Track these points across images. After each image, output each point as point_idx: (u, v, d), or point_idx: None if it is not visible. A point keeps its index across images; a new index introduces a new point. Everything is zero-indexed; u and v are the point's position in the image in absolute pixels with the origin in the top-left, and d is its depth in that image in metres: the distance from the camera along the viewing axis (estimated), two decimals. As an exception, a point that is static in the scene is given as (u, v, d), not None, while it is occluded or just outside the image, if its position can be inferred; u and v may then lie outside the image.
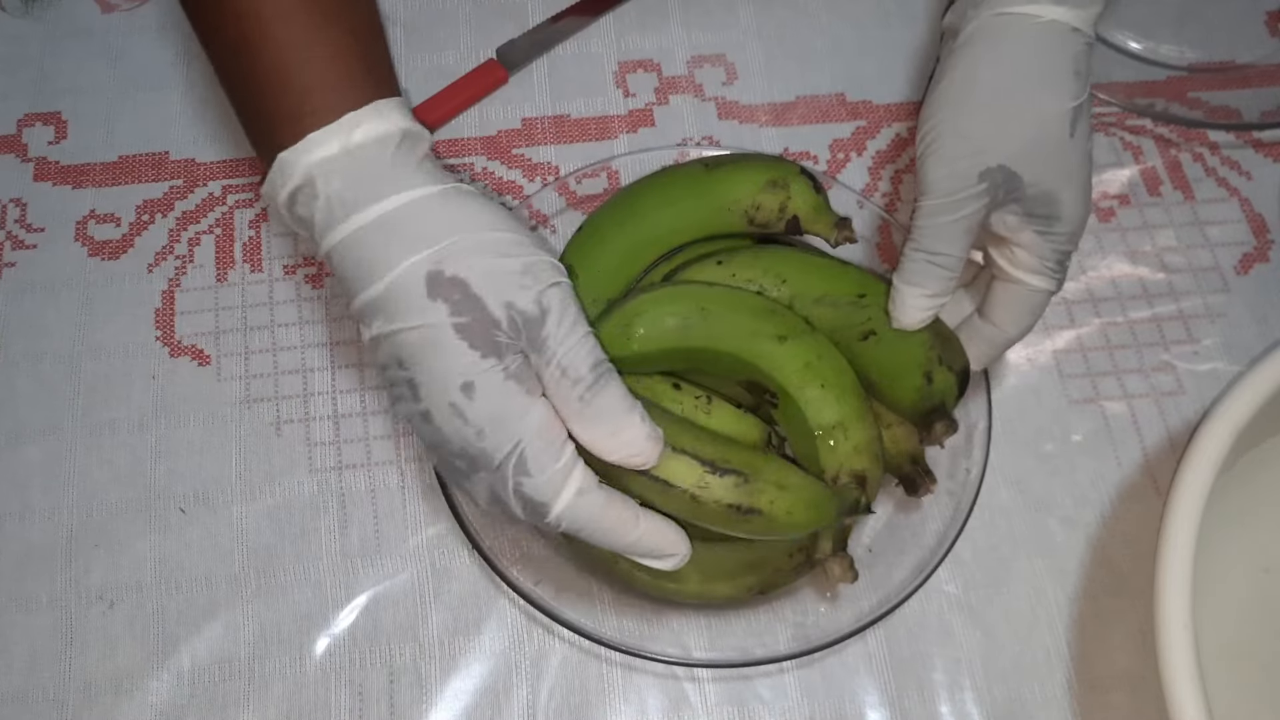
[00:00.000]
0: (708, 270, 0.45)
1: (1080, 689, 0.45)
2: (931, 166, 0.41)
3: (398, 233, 0.35)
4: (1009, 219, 0.41)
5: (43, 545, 0.47)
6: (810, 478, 0.40)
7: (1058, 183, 0.40)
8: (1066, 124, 0.40)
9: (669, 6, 0.61)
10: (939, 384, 0.43)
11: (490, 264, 0.36)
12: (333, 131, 0.36)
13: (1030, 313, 0.42)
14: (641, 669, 0.45)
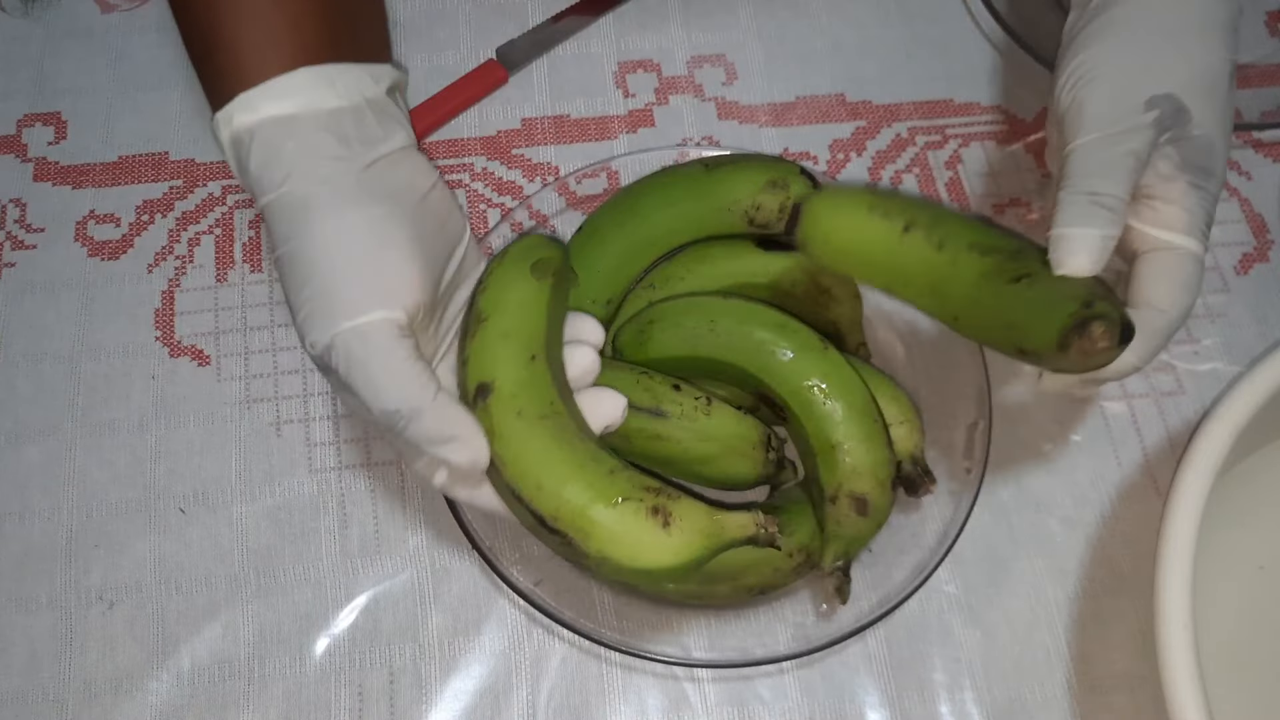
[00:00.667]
0: (853, 191, 0.42)
1: (1080, 689, 0.45)
2: (1090, 99, 0.36)
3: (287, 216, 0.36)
4: (1162, 165, 0.37)
5: (43, 545, 0.47)
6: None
7: (1218, 130, 0.37)
8: (1227, 70, 0.37)
9: (669, 6, 0.61)
10: (1099, 308, 0.35)
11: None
12: (263, 95, 0.36)
13: (1188, 286, 0.37)
14: (641, 669, 0.45)
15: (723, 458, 0.43)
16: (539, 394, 0.37)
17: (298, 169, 0.35)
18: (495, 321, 0.39)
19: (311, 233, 0.35)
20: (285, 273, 0.36)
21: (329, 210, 0.35)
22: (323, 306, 0.34)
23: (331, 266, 0.35)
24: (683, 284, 0.48)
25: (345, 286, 0.34)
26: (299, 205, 0.35)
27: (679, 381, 0.43)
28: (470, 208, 0.55)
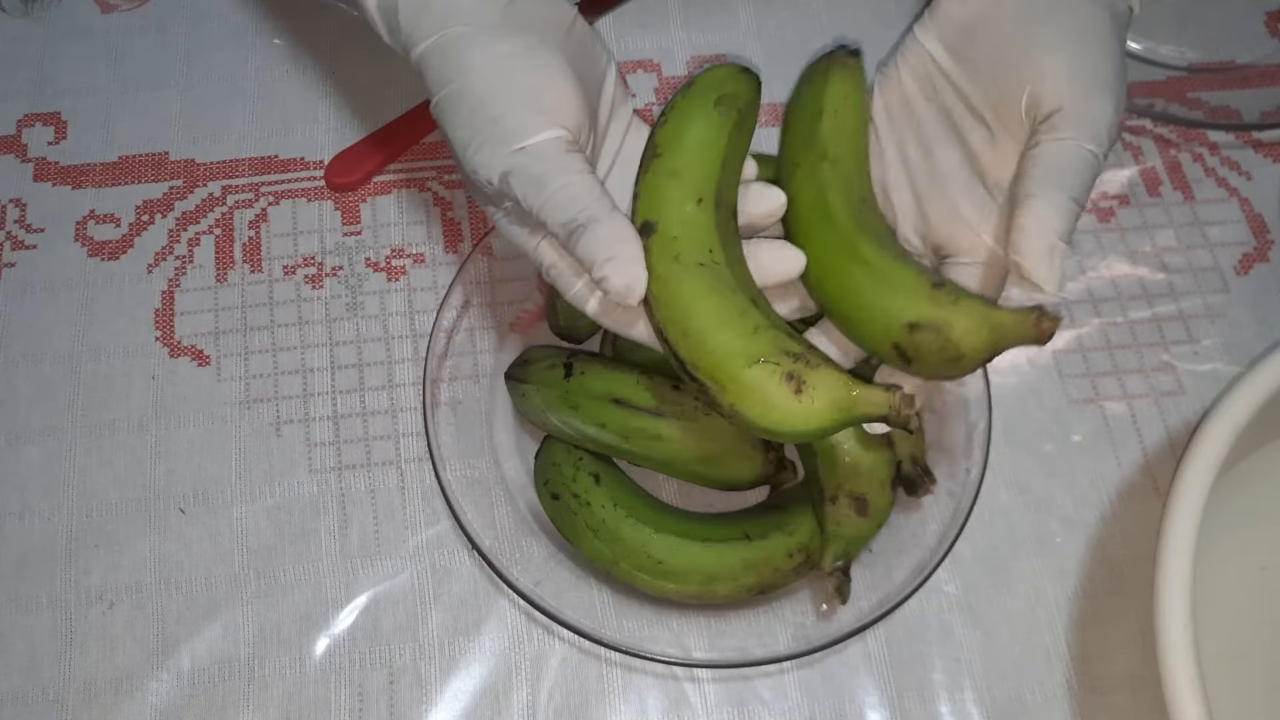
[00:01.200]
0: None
1: (1080, 689, 0.45)
2: (1092, 98, 0.37)
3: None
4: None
5: (43, 545, 0.47)
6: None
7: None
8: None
9: (669, 6, 0.61)
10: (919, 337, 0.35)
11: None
12: None
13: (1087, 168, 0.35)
14: (641, 669, 0.45)
15: (722, 458, 0.43)
16: (699, 240, 0.36)
17: (448, 14, 0.36)
18: (667, 159, 0.37)
19: (470, 68, 0.35)
20: (447, 115, 0.36)
21: (484, 46, 0.36)
22: (494, 135, 0.35)
23: (495, 97, 0.35)
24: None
25: (513, 113, 0.35)
26: (454, 47, 0.36)
27: (679, 382, 0.43)
28: (471, 207, 0.55)
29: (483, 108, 0.35)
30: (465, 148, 0.35)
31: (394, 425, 0.50)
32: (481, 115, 0.35)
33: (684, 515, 0.45)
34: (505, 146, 0.34)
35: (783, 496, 0.46)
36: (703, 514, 0.46)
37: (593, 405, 0.43)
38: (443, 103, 0.36)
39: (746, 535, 0.44)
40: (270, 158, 0.56)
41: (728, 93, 0.39)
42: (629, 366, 0.44)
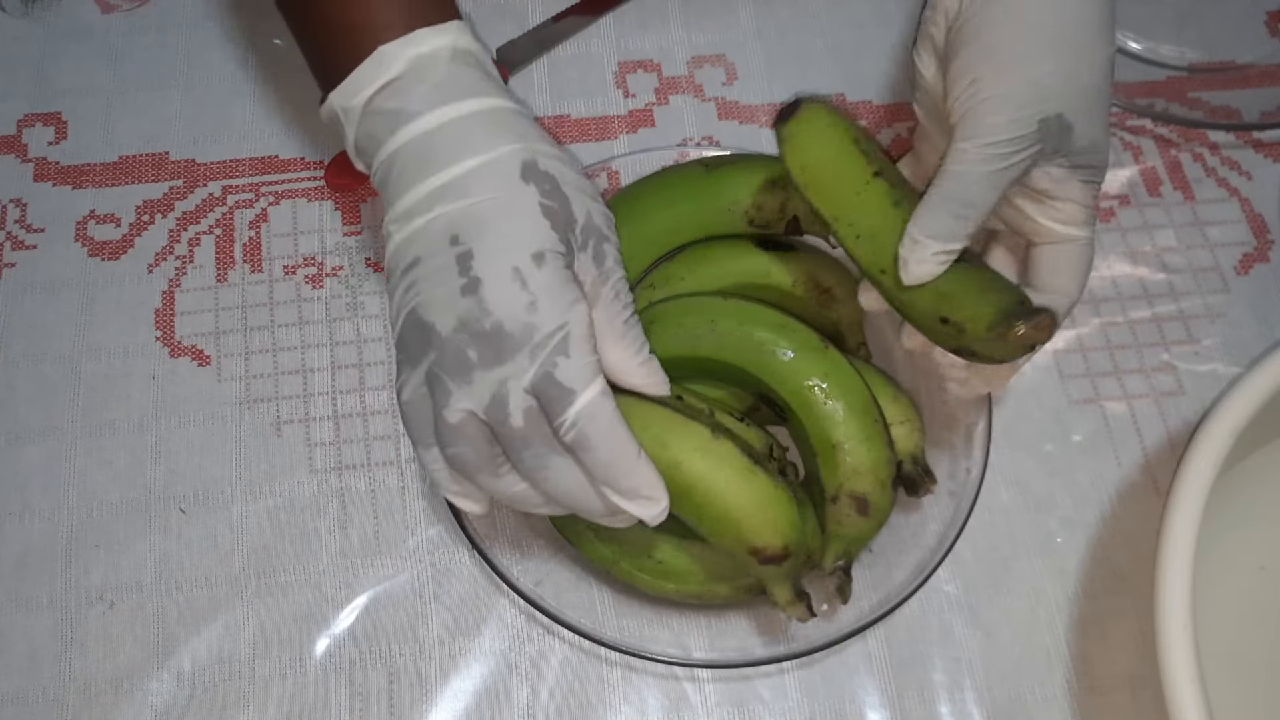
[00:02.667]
0: (848, 123, 0.42)
1: (1080, 689, 0.45)
2: (989, 113, 0.38)
3: (499, 124, 0.36)
4: (1054, 171, 0.39)
5: (43, 545, 0.47)
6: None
7: (1101, 129, 0.39)
8: (1109, 70, 0.39)
9: (669, 6, 0.61)
10: (1036, 308, 0.38)
11: (576, 177, 0.37)
12: (441, 30, 0.37)
13: (1086, 268, 0.40)
14: (641, 669, 0.45)
15: None
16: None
17: (499, 89, 0.38)
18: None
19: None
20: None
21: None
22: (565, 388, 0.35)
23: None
24: (683, 284, 0.48)
25: (569, 364, 0.35)
26: (529, 113, 0.38)
27: (682, 393, 0.43)
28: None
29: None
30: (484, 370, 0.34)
31: (394, 425, 0.50)
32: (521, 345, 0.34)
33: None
34: (575, 395, 0.34)
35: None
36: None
37: None
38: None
39: (747, 535, 0.44)
40: (270, 158, 0.56)
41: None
42: None
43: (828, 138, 0.42)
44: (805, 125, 0.42)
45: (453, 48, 0.37)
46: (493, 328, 0.34)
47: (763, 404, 0.45)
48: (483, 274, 0.34)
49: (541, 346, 0.34)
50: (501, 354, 0.34)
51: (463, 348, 0.34)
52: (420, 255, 0.35)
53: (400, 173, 0.36)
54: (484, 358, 0.34)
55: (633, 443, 0.35)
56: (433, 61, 0.36)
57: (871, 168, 0.41)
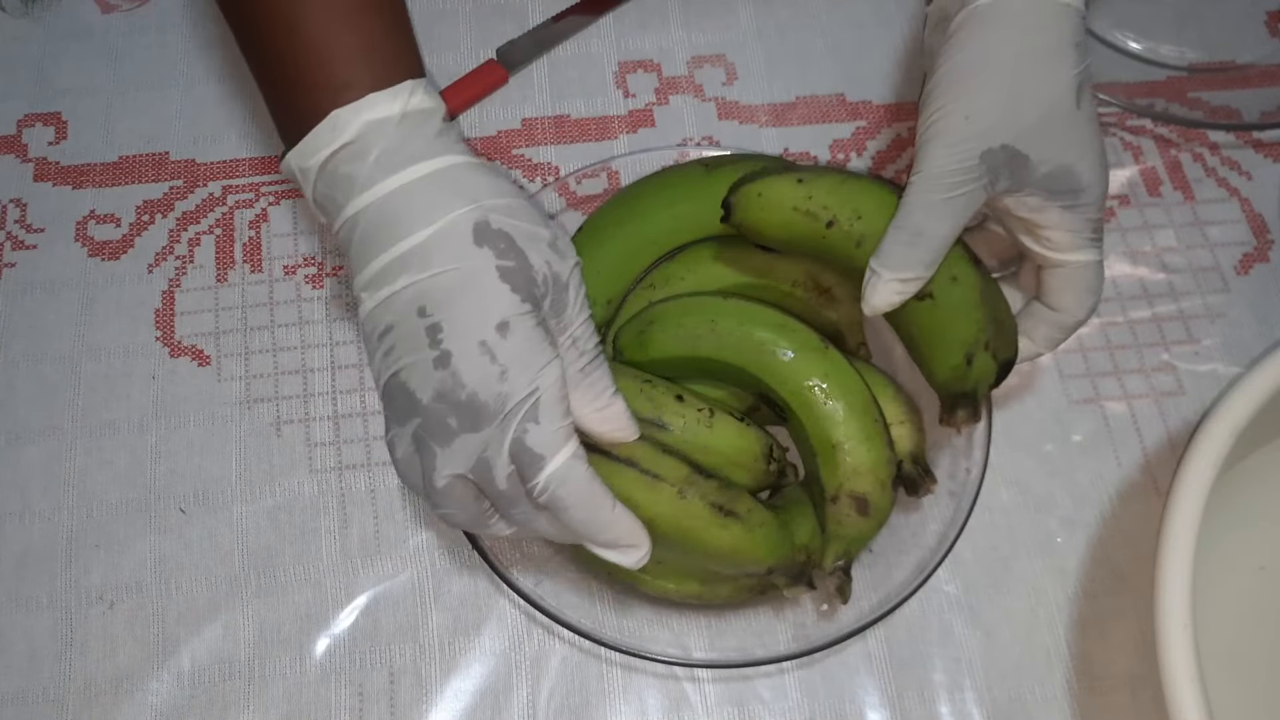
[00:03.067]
0: (785, 186, 0.43)
1: (1080, 689, 0.45)
2: (934, 148, 0.39)
3: (450, 187, 0.36)
4: (1030, 200, 0.40)
5: (43, 545, 0.47)
6: (776, 518, 0.41)
7: (1072, 155, 0.40)
8: (1072, 96, 0.39)
9: (669, 6, 0.61)
10: (977, 369, 0.41)
11: (529, 228, 0.37)
12: (393, 94, 0.37)
13: (1089, 290, 0.41)
14: (641, 669, 0.45)
15: (722, 469, 0.43)
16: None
17: (450, 146, 0.38)
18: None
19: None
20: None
21: (504, 170, 0.38)
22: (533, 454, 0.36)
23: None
24: (683, 284, 0.48)
25: (537, 431, 0.36)
26: (481, 167, 0.38)
27: (682, 392, 0.43)
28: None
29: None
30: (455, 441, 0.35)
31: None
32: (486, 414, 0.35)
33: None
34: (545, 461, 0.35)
35: (783, 496, 0.46)
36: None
37: None
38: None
39: (747, 535, 0.44)
40: (271, 158, 0.56)
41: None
42: (633, 373, 0.44)
43: (771, 207, 0.43)
44: (748, 201, 0.44)
45: (403, 111, 0.37)
46: (468, 398, 0.35)
47: (763, 404, 0.45)
48: (452, 348, 0.35)
49: (513, 414, 0.35)
50: (479, 422, 0.35)
51: (443, 416, 0.35)
52: (392, 324, 0.36)
53: (361, 240, 0.37)
54: (463, 425, 0.35)
55: (606, 499, 0.37)
56: (383, 126, 0.36)
57: (822, 222, 0.42)
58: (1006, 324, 0.42)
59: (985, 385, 0.42)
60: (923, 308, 0.41)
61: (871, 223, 0.41)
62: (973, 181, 0.39)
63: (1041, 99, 0.39)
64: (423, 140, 0.37)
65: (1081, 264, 0.41)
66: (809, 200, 0.42)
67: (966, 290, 0.41)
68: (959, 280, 0.41)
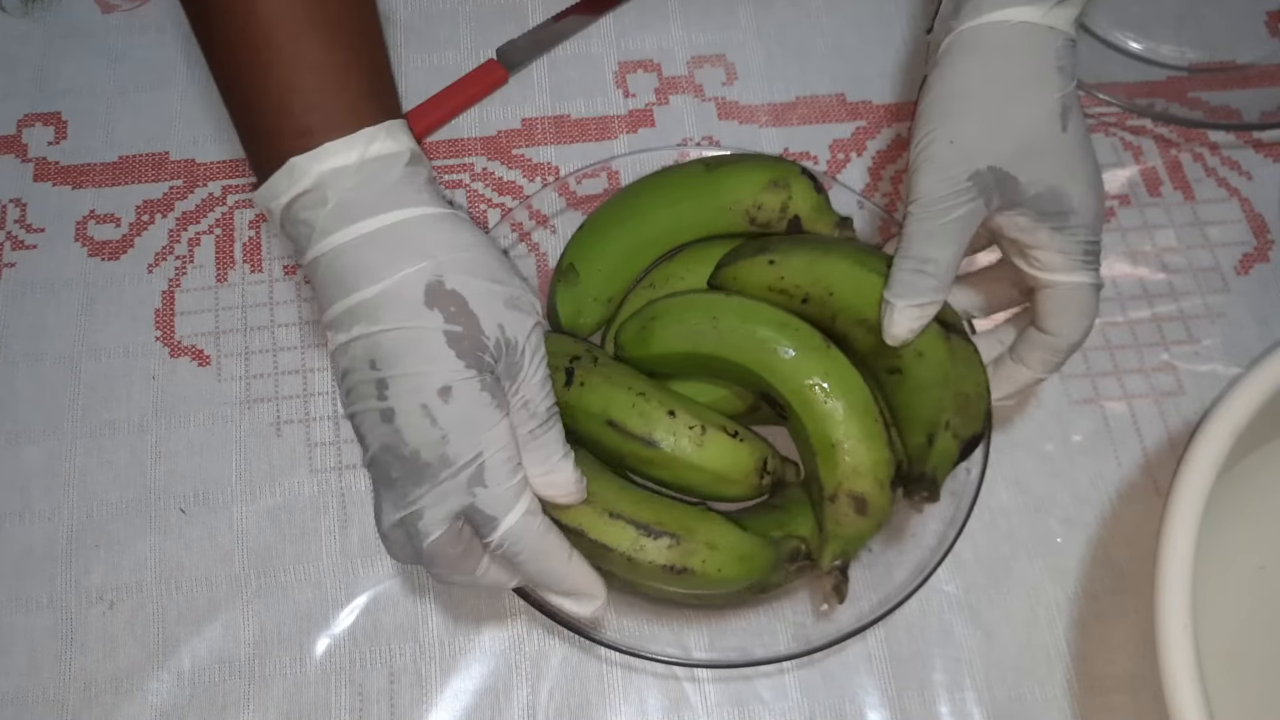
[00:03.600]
0: (758, 269, 0.45)
1: (1080, 689, 0.45)
2: (922, 175, 0.41)
3: (403, 243, 0.36)
4: (1020, 220, 0.41)
5: (43, 545, 0.47)
6: (744, 534, 0.41)
7: (1059, 177, 0.40)
8: (1056, 119, 0.40)
9: (669, 6, 0.61)
10: (937, 449, 0.41)
11: (486, 286, 0.37)
12: (349, 143, 0.36)
13: (1081, 313, 0.42)
14: (641, 669, 0.45)
15: (714, 484, 0.43)
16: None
17: (409, 197, 0.37)
18: None
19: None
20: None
21: (468, 221, 0.38)
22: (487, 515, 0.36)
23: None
24: (682, 283, 0.48)
25: (492, 490, 0.36)
26: (441, 219, 0.38)
27: (675, 406, 0.43)
28: (470, 208, 0.55)
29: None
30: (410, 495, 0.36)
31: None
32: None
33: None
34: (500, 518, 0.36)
35: (783, 496, 0.46)
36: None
37: (589, 422, 0.43)
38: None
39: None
40: (270, 158, 0.56)
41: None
42: (625, 384, 0.43)
43: (750, 288, 0.45)
44: (727, 283, 0.46)
45: (360, 160, 0.36)
46: (410, 455, 0.35)
47: (763, 402, 0.45)
48: (396, 406, 0.35)
49: (458, 477, 0.35)
50: (420, 479, 0.35)
51: (387, 467, 0.36)
52: (348, 369, 0.36)
53: (320, 284, 0.37)
54: (404, 479, 0.35)
55: (563, 551, 0.38)
56: (339, 176, 0.36)
57: (797, 298, 0.44)
58: (973, 399, 0.42)
59: (946, 466, 0.42)
60: (893, 381, 0.43)
61: (843, 299, 0.43)
62: (966, 203, 0.40)
63: (1024, 122, 0.40)
64: (380, 189, 0.36)
65: (1073, 286, 0.41)
66: (781, 280, 0.44)
67: (930, 368, 0.42)
68: (925, 356, 0.42)
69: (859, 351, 0.44)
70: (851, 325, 0.43)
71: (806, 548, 0.42)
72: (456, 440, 0.35)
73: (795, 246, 0.45)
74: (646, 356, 0.45)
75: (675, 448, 0.42)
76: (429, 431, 0.35)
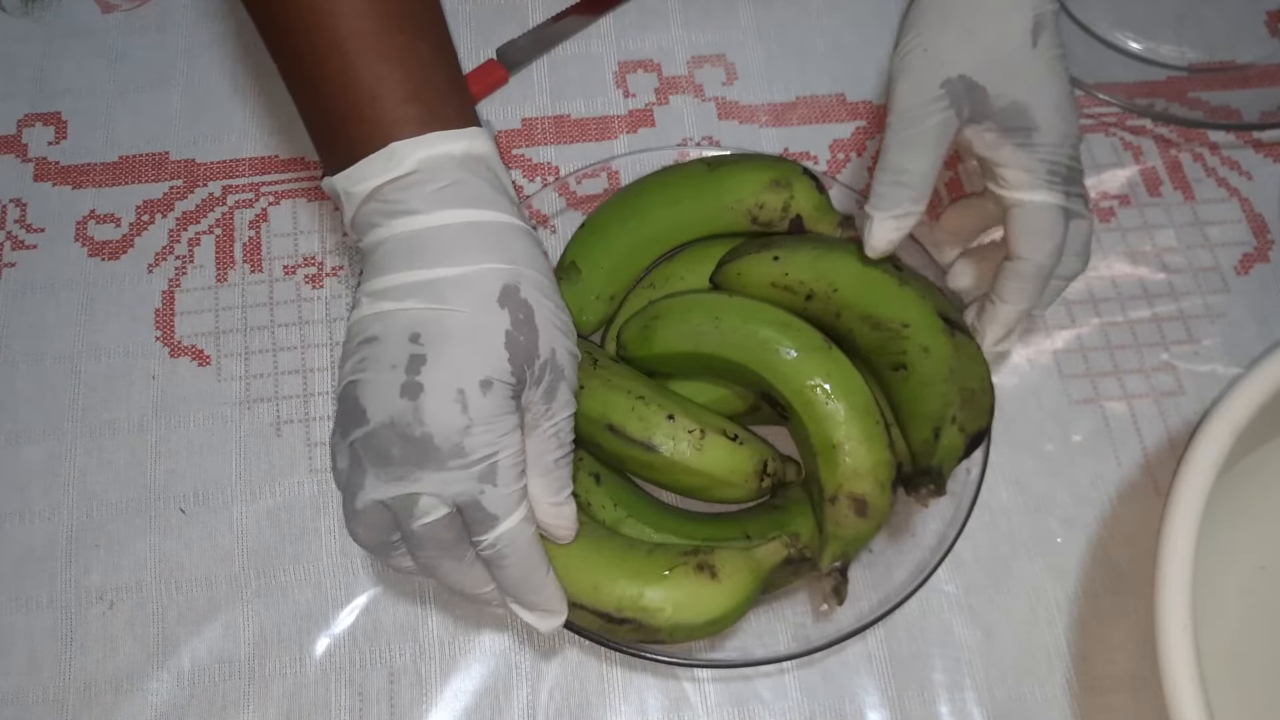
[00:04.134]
0: (762, 265, 0.45)
1: (1080, 689, 0.45)
2: (899, 84, 0.42)
3: (492, 241, 0.37)
4: (987, 136, 0.41)
5: (43, 545, 0.47)
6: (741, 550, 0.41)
7: (1024, 92, 0.41)
8: (1027, 35, 0.41)
9: (669, 6, 0.61)
10: (943, 444, 0.41)
11: (551, 308, 0.37)
12: (455, 137, 0.37)
13: (1044, 233, 0.41)
14: (641, 669, 0.45)
15: (713, 488, 0.43)
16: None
17: (504, 203, 0.38)
18: None
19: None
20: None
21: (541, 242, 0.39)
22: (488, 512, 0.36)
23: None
24: (683, 283, 0.48)
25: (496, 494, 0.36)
26: (528, 234, 0.38)
27: (675, 410, 0.43)
28: (470, 208, 0.55)
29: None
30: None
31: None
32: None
33: (684, 515, 0.45)
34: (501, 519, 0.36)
35: (783, 496, 0.46)
36: (703, 514, 0.46)
37: (589, 425, 0.43)
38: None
39: (746, 535, 0.44)
40: (270, 157, 0.56)
41: None
42: (625, 387, 0.44)
43: (752, 286, 0.46)
44: (729, 281, 0.46)
45: (465, 154, 0.37)
46: (422, 436, 0.35)
47: (764, 403, 0.45)
48: (428, 384, 0.35)
49: (468, 469, 0.35)
50: (424, 462, 0.35)
51: (387, 444, 0.35)
52: (378, 336, 0.36)
53: (386, 255, 0.37)
54: (405, 459, 0.35)
55: (543, 565, 0.38)
56: (442, 164, 0.37)
57: (801, 295, 0.45)
58: (978, 394, 0.42)
59: (952, 461, 0.41)
60: (898, 377, 0.43)
61: (847, 295, 0.44)
62: (939, 111, 0.41)
63: (995, 35, 0.41)
64: (479, 186, 0.37)
65: (1036, 205, 0.41)
66: (785, 276, 0.45)
67: (936, 363, 0.42)
68: (930, 352, 0.42)
69: (863, 348, 0.43)
70: (855, 322, 0.43)
71: (802, 551, 0.42)
72: (478, 433, 0.35)
73: (799, 244, 0.45)
74: (648, 356, 0.45)
75: (675, 452, 0.42)
76: (456, 418, 0.35)
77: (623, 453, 0.43)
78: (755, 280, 0.45)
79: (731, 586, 0.39)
